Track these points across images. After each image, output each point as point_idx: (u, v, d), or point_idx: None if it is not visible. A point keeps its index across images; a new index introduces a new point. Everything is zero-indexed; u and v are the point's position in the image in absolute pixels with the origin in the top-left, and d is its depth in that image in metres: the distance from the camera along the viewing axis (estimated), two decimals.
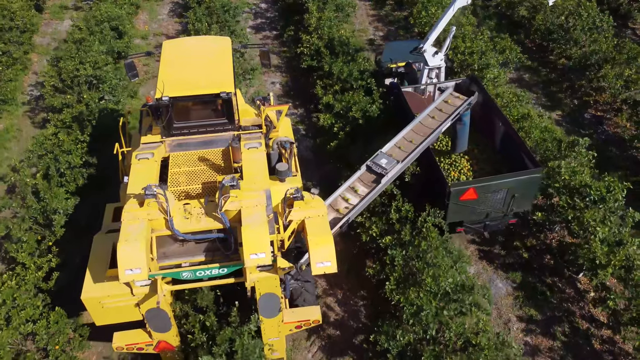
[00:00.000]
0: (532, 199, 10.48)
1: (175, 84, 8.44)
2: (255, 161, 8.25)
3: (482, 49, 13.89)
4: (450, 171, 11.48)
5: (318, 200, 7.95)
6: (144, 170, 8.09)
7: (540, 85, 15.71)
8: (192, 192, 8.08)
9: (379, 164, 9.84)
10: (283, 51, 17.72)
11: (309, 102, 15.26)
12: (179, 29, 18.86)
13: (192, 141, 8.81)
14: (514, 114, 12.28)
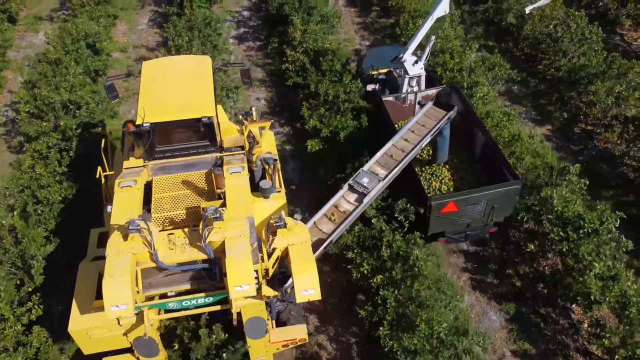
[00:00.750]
0: (512, 209, 10.68)
1: (156, 110, 8.42)
2: (238, 187, 8.22)
3: (471, 65, 13.59)
4: (432, 181, 11.56)
5: (301, 227, 8.03)
6: (127, 199, 8.04)
7: (529, 97, 15.49)
8: (176, 219, 8.06)
9: (361, 183, 9.84)
10: (267, 63, 17.26)
11: (295, 119, 14.89)
12: (159, 40, 18.28)
13: (175, 164, 8.81)
14: (504, 135, 12.06)
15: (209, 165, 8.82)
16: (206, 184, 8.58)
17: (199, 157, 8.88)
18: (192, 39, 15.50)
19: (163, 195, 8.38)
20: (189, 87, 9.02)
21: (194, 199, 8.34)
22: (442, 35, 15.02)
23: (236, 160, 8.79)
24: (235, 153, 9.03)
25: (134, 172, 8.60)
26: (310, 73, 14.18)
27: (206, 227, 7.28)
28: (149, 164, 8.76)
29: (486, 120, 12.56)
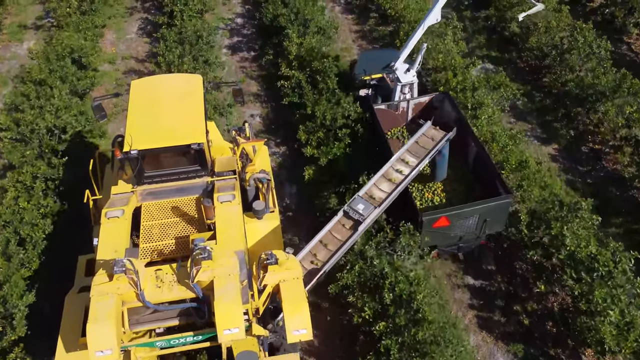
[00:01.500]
0: (504, 222, 10.72)
1: (144, 136, 8.22)
2: (229, 217, 8.00)
3: (474, 83, 12.99)
4: (424, 192, 11.46)
5: (293, 261, 7.88)
6: (114, 231, 7.84)
7: (534, 113, 14.90)
8: (165, 249, 7.88)
9: (356, 210, 9.57)
10: (262, 76, 16.59)
11: (292, 138, 14.27)
12: (149, 51, 17.56)
13: (165, 189, 8.61)
14: (511, 162, 11.52)
15: (200, 189, 8.62)
16: (196, 210, 8.36)
17: (189, 182, 8.67)
18: (183, 54, 14.81)
19: (152, 223, 8.17)
20: (178, 110, 8.76)
21: (183, 227, 8.15)
22: (443, 49, 14.39)
23: (227, 187, 8.52)
24: (227, 178, 8.77)
25: (122, 200, 8.34)
26: (306, 92, 13.57)
27: (194, 266, 7.06)
28: (137, 189, 8.54)
29: (492, 145, 12.03)
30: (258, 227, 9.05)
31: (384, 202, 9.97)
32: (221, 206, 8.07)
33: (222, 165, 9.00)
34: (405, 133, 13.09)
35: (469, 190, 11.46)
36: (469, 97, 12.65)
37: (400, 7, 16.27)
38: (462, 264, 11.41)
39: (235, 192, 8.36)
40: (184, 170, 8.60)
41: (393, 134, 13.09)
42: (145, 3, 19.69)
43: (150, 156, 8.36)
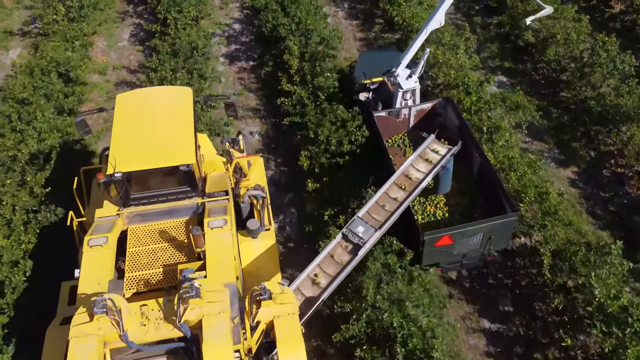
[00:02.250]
0: (509, 239, 10.48)
1: (129, 157, 7.76)
2: (220, 246, 7.50)
3: (490, 104, 12.07)
4: (426, 205, 11.08)
5: (288, 295, 7.35)
6: (98, 261, 7.36)
7: (551, 132, 13.96)
8: (152, 279, 7.41)
9: (356, 233, 9.05)
10: (262, 88, 15.63)
11: (293, 158, 13.38)
12: (141, 60, 16.58)
13: (153, 212, 8.14)
14: (530, 195, 10.64)
15: (190, 211, 8.17)
16: (186, 234, 7.92)
17: (178, 204, 8.21)
18: (177, 69, 13.86)
19: (139, 249, 7.73)
20: (167, 127, 8.27)
21: (172, 253, 7.70)
22: (455, 64, 13.44)
23: (219, 210, 8.00)
24: (219, 199, 8.27)
25: (107, 225, 7.85)
26: (309, 111, 12.67)
27: (182, 305, 6.58)
28: (123, 211, 8.08)
29: (509, 174, 11.15)
30: (253, 247, 8.72)
31: (385, 222, 9.41)
32: (212, 233, 7.57)
33: (213, 185, 8.54)
34: (407, 141, 12.48)
35: (472, 203, 11.07)
36: (485, 120, 11.72)
37: (408, 16, 15.26)
38: (477, 304, 10.60)
39: (227, 216, 7.83)
40: (172, 191, 8.15)
41: (394, 141, 12.55)
42: (138, 7, 18.64)
43: (137, 177, 7.90)
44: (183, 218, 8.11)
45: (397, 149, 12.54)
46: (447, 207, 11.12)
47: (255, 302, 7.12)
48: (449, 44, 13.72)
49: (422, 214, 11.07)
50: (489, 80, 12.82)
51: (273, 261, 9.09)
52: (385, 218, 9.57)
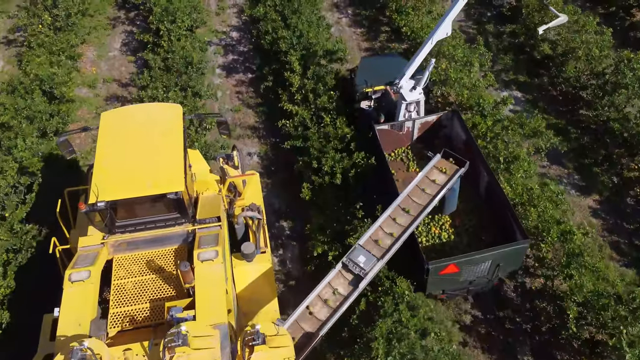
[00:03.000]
0: (519, 265, 9.96)
1: (113, 184, 7.32)
2: (211, 281, 7.03)
3: (507, 129, 11.13)
4: (430, 226, 10.55)
5: (283, 337, 6.78)
6: (79, 298, 6.89)
7: (570, 154, 13.05)
8: (138, 315, 6.98)
9: (357, 263, 8.43)
10: (261, 104, 14.70)
11: (294, 183, 12.51)
12: (134, 72, 15.61)
13: (140, 239, 7.70)
14: (553, 236, 9.77)
15: (180, 239, 7.78)
16: (175, 264, 7.44)
17: (167, 231, 7.77)
18: (169, 87, 12.93)
19: (124, 281, 7.31)
20: (154, 150, 7.80)
21: (160, 286, 7.27)
22: (468, 83, 12.49)
23: (210, 239, 7.52)
24: (211, 225, 7.82)
25: (90, 257, 7.36)
26: (311, 134, 11.76)
27: (168, 353, 6.11)
28: (108, 240, 7.62)
29: (528, 209, 10.28)
30: (248, 271, 8.39)
31: (388, 251, 8.76)
32: (201, 266, 7.10)
33: (205, 209, 8.12)
34: (411, 155, 11.84)
35: (480, 224, 10.52)
36: (502, 149, 10.81)
37: (417, 27, 14.26)
38: (494, 354, 9.79)
39: (218, 247, 7.32)
40: (161, 218, 7.73)
41: (397, 155, 11.85)
42: (130, 12, 17.62)
43: (122, 205, 7.47)
44: (172, 246, 7.70)
45: (400, 163, 11.88)
46: (452, 228, 10.54)
47: (248, 346, 6.61)
48: (462, 60, 12.74)
49: (426, 236, 10.49)
50: (506, 101, 11.87)
51: (269, 285, 8.69)
52: (388, 246, 8.91)
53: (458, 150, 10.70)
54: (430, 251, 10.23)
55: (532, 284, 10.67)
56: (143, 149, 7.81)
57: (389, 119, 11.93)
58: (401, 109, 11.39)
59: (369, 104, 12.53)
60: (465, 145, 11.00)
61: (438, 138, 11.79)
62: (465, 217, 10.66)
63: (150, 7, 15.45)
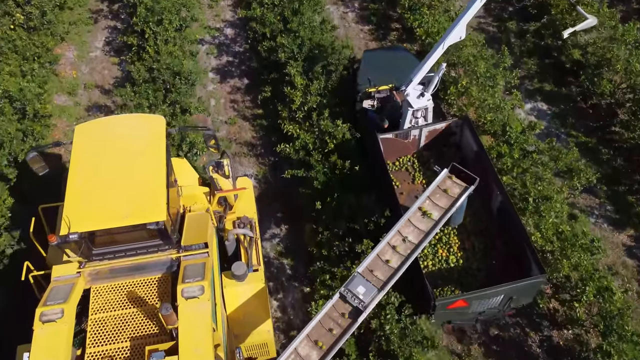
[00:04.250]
0: (532, 297, 9.32)
1: (87, 213, 6.75)
2: (196, 321, 6.45)
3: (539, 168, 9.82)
4: (437, 248, 9.85)
5: None
6: (51, 342, 6.34)
7: (602, 181, 11.70)
8: (118, 356, 6.46)
9: (355, 294, 7.67)
10: (259, 116, 13.30)
11: (296, 212, 11.30)
12: (118, 77, 14.15)
13: (120, 268, 7.14)
14: (589, 293, 8.63)
15: (164, 267, 7.22)
16: (158, 297, 6.95)
17: (150, 258, 7.21)
18: (156, 103, 11.54)
19: (102, 315, 6.80)
20: (133, 172, 7.15)
21: (141, 322, 6.75)
22: (490, 101, 11.07)
23: (196, 271, 6.88)
24: (197, 253, 7.22)
25: (64, 290, 6.77)
26: (314, 162, 10.48)
27: None
28: (85, 269, 7.06)
29: (560, 260, 9.11)
30: (239, 291, 8.05)
31: (390, 280, 7.87)
32: (186, 304, 6.51)
33: (191, 234, 7.51)
34: (417, 164, 10.95)
35: (491, 247, 9.86)
36: (531, 188, 9.52)
37: (432, 30, 12.70)
38: None
39: (204, 281, 6.68)
40: (142, 245, 7.18)
41: (402, 164, 11.10)
42: (113, 5, 15.94)
43: (98, 234, 6.93)
44: (155, 275, 7.18)
45: (405, 174, 11.04)
46: (461, 252, 9.84)
47: None
48: (484, 75, 11.27)
49: (432, 259, 9.78)
50: (535, 127, 10.49)
51: (263, 306, 8.32)
52: (389, 274, 7.98)
53: (468, 160, 10.25)
54: (437, 277, 9.57)
55: (560, 339, 9.62)
56: (121, 171, 7.18)
57: (393, 124, 10.93)
58: (407, 116, 10.57)
59: (371, 104, 11.44)
60: (476, 156, 10.25)
61: (447, 146, 10.97)
62: (475, 239, 9.96)
63: (135, 3, 13.85)
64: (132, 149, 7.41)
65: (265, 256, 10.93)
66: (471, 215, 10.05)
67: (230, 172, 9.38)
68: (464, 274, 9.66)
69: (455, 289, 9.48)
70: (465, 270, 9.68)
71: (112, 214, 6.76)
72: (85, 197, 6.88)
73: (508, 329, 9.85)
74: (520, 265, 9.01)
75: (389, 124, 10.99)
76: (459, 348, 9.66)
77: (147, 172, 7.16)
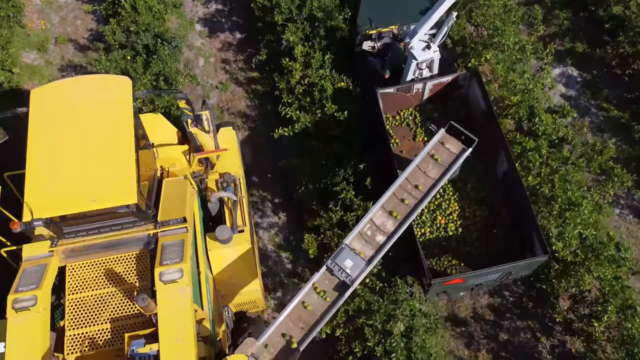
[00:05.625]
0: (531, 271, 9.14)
1: (50, 197, 6.26)
2: (175, 311, 6.09)
3: (569, 169, 8.71)
4: (436, 215, 9.48)
5: None
6: (26, 332, 6.03)
7: (632, 163, 10.59)
8: (99, 339, 6.30)
9: (342, 267, 7.39)
10: (253, 80, 11.87)
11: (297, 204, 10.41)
12: (93, 30, 12.46)
13: (95, 245, 6.78)
14: (611, 314, 8.01)
15: (141, 243, 6.84)
16: (138, 275, 6.65)
17: (126, 234, 6.79)
18: (136, 74, 10.14)
19: (80, 296, 6.52)
20: (98, 146, 6.52)
21: (121, 302, 6.51)
22: (518, 82, 9.62)
23: (174, 250, 6.46)
24: (175, 228, 6.77)
25: (37, 273, 6.38)
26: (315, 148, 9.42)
27: None
28: (57, 248, 6.66)
29: (582, 274, 8.38)
30: (225, 254, 7.74)
31: (379, 250, 7.52)
32: (164, 289, 6.13)
33: (168, 207, 7.00)
34: (419, 119, 10.44)
35: (492, 217, 9.45)
36: (560, 194, 8.49)
37: None
38: None
39: (183, 263, 6.22)
40: (116, 222, 6.74)
41: (403, 118, 10.49)
42: None
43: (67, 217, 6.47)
44: (133, 251, 6.82)
45: (406, 130, 10.43)
46: (460, 220, 9.45)
47: None
48: (513, 49, 9.73)
49: (430, 227, 9.44)
50: (567, 113, 9.22)
51: (249, 267, 8.06)
52: (379, 244, 7.59)
53: (474, 117, 9.73)
54: (434, 245, 9.33)
55: (572, 345, 9.19)
56: (85, 145, 6.54)
57: (396, 74, 10.18)
58: (410, 68, 9.81)
59: (372, 45, 10.65)
60: (482, 114, 9.60)
61: (453, 99, 10.29)
62: (475, 207, 9.55)
63: None
64: (96, 118, 6.73)
65: (262, 248, 10.23)
66: (474, 182, 9.65)
67: (210, 126, 8.50)
68: (462, 243, 9.36)
69: (452, 258, 9.26)
70: (464, 239, 9.36)
71: (78, 197, 6.28)
72: (48, 178, 6.37)
73: (518, 333, 9.39)
74: (522, 236, 8.72)
75: (391, 74, 10.32)
76: (465, 354, 9.27)
77: (114, 145, 6.55)
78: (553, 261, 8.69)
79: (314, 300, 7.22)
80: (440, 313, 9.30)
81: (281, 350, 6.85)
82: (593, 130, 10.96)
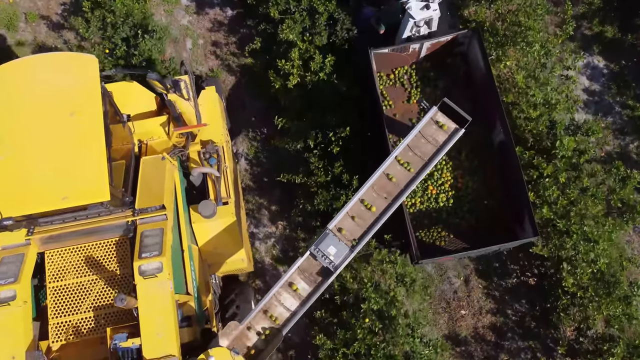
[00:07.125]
0: None
1: (17, 193, 6.03)
2: (156, 305, 6.03)
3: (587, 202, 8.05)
4: (427, 185, 9.22)
5: None
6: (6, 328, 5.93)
7: None
8: (82, 327, 6.27)
9: (326, 254, 7.24)
10: (248, 66, 10.81)
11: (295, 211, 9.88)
12: (67, 3, 11.14)
13: (72, 232, 6.61)
14: (618, 355, 7.81)
15: (120, 229, 6.63)
16: (118, 260, 6.54)
17: (103, 221, 6.58)
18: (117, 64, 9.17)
19: (61, 284, 6.43)
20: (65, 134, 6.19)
21: (103, 290, 6.42)
22: (540, 97, 8.62)
23: (153, 240, 6.25)
24: (154, 215, 6.56)
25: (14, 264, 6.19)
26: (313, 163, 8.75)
27: None
28: (34, 236, 6.47)
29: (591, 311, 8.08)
30: (209, 227, 7.56)
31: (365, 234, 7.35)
32: (144, 283, 5.98)
33: (145, 191, 6.77)
34: (414, 78, 9.79)
35: (484, 189, 9.20)
36: (575, 228, 7.93)
37: None
38: None
39: (163, 257, 6.00)
40: (93, 211, 6.47)
41: (397, 77, 9.82)
42: None
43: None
44: (112, 238, 6.65)
45: (400, 91, 9.79)
46: (452, 190, 9.19)
47: None
48: (538, 53, 8.66)
49: (421, 197, 9.20)
50: (592, 131, 8.39)
51: (234, 238, 7.91)
52: (365, 228, 7.40)
53: (473, 78, 9.32)
54: (424, 216, 9.13)
55: None
56: (50, 134, 6.17)
57: (391, 30, 9.57)
58: (407, 27, 9.17)
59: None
60: (481, 77, 9.09)
61: (452, 56, 9.67)
62: (469, 178, 9.24)
63: None
64: (62, 102, 6.31)
65: (259, 262, 9.85)
66: (468, 151, 9.26)
67: (189, 93, 7.91)
68: (453, 215, 9.16)
69: (442, 230, 9.11)
70: (455, 211, 9.15)
71: (47, 194, 6.03)
72: (14, 173, 6.06)
73: (519, 353, 9.29)
74: (515, 210, 8.50)
75: (386, 30, 9.64)
76: None
77: (82, 133, 6.19)
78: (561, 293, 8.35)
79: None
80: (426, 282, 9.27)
81: None
82: (615, 133, 10.17)
